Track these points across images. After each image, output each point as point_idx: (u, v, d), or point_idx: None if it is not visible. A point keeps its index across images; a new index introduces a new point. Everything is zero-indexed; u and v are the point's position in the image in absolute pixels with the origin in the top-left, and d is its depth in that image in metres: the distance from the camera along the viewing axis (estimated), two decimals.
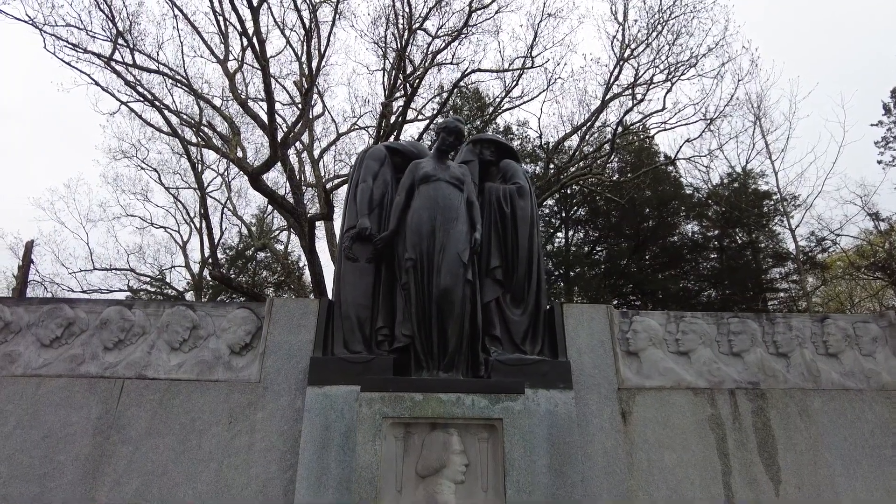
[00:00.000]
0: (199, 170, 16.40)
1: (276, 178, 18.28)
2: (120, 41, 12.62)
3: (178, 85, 14.36)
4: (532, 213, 4.51)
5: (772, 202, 14.89)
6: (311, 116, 15.98)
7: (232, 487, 3.53)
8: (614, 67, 14.83)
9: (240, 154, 16.24)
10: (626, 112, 13.75)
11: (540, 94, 15.75)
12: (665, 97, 13.47)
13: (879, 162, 17.94)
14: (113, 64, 12.85)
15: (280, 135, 12.81)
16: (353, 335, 3.91)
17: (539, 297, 4.21)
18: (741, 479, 3.66)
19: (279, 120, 16.17)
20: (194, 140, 15.90)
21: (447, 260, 3.89)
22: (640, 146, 17.40)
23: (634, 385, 3.90)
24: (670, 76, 13.30)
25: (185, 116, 15.14)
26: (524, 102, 15.70)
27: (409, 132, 15.22)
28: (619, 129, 13.52)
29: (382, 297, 4.07)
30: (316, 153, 16.48)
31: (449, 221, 4.05)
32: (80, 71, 13.00)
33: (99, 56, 12.73)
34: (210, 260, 16.30)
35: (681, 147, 14.42)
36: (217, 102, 16.21)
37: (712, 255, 16.58)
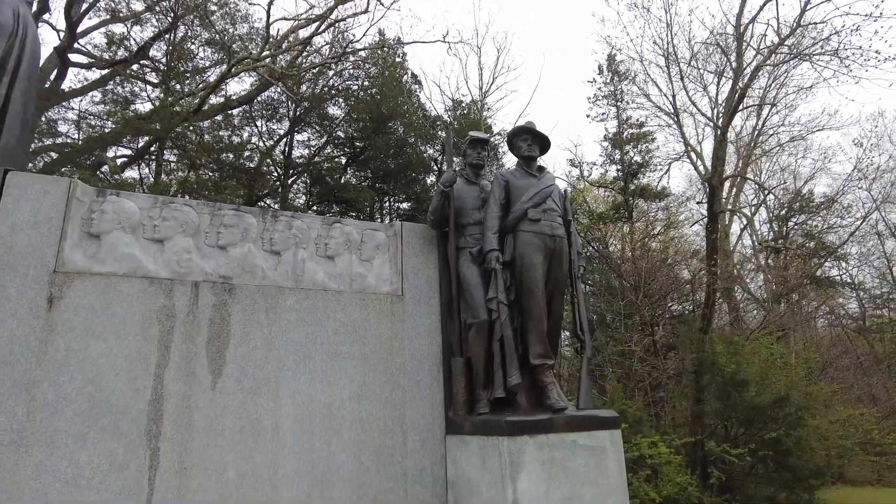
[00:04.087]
0: None
1: None
2: None
3: None
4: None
5: (489, 135, 15.93)
6: None
7: None
8: None
9: None
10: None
11: None
12: None
13: (588, 116, 20.34)
14: None
15: None
16: None
17: None
18: (178, 372, 3.53)
19: None
20: None
21: None
22: (387, 60, 17.12)
23: (79, 269, 3.47)
24: None
25: None
26: None
27: None
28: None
29: None
30: None
31: None
32: None
33: None
34: None
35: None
36: None
37: (433, 177, 17.36)
